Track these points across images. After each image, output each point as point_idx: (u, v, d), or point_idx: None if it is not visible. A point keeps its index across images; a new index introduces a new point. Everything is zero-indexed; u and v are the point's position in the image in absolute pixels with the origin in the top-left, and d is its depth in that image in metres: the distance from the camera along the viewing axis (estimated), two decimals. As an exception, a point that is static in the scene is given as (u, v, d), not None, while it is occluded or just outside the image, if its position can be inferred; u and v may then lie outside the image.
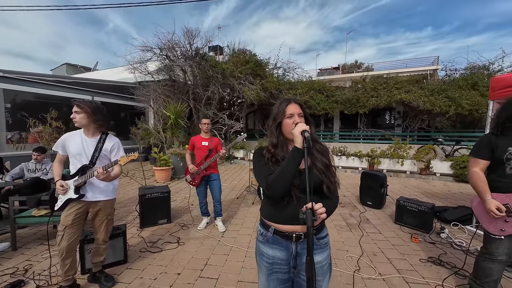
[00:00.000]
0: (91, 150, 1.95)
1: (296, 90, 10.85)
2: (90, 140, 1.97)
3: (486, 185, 1.73)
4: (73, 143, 1.95)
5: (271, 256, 1.23)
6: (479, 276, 1.89)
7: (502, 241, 1.71)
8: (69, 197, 1.92)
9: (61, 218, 1.94)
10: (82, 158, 1.93)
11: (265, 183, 1.15)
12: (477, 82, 8.70)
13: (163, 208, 3.50)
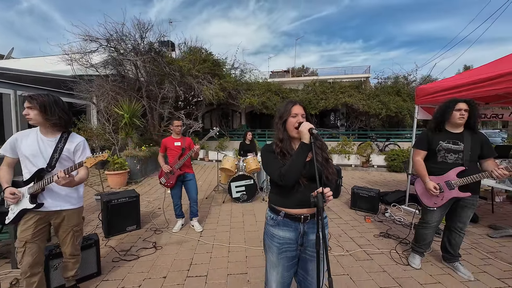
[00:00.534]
0: (50, 151, 1.69)
1: (254, 91, 11.19)
2: (49, 139, 1.71)
3: (425, 170, 2.27)
4: (27, 143, 1.67)
5: (281, 237, 1.40)
6: (418, 240, 2.44)
7: (435, 211, 2.27)
8: (23, 207, 1.65)
9: (17, 233, 1.67)
10: (38, 161, 1.67)
11: (279, 173, 1.32)
12: (400, 89, 10.64)
13: (132, 214, 3.26)
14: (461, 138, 2.19)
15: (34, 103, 1.61)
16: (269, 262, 1.48)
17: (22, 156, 1.68)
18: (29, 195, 1.66)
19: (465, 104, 2.17)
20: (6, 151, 1.70)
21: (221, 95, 10.13)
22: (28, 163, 1.69)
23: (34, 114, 1.62)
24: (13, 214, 1.66)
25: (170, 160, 3.19)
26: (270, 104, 11.05)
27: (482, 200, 4.38)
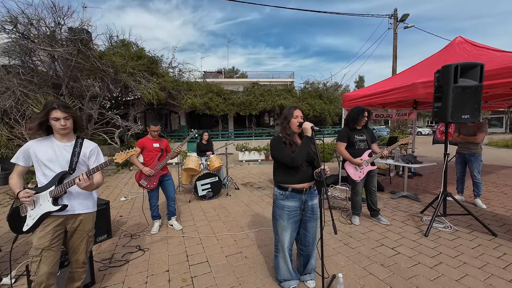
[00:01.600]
0: (67, 155, 1.70)
1: (195, 91, 11.14)
2: (64, 145, 1.71)
3: (349, 155, 3.25)
4: (42, 150, 1.65)
5: (290, 206, 1.91)
6: (354, 206, 3.43)
7: (360, 182, 3.28)
8: (46, 210, 1.61)
9: (34, 240, 1.60)
10: (55, 166, 1.65)
11: (291, 158, 1.82)
12: (321, 94, 12.87)
13: (101, 223, 3.04)
14: (363, 132, 3.31)
15: (72, 112, 1.67)
16: (280, 227, 1.96)
17: (38, 162, 1.65)
18: (51, 198, 1.61)
19: (367, 112, 3.28)
20: (18, 160, 1.65)
21: (161, 95, 9.67)
22: (45, 168, 1.65)
23: (70, 124, 1.68)
24: (32, 220, 1.60)
25: (149, 161, 3.17)
26: (212, 105, 11.28)
27: (382, 176, 6.12)
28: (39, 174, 1.66)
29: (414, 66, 4.82)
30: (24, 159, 1.65)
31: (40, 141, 1.68)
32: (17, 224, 1.75)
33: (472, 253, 2.51)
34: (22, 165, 1.66)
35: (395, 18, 14.33)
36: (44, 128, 1.67)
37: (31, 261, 1.59)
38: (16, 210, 1.72)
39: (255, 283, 2.14)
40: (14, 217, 1.80)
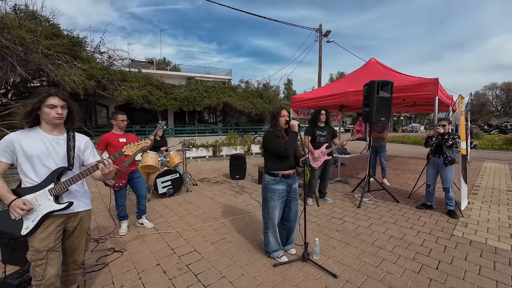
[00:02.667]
0: (61, 150, 1.57)
1: (131, 83, 10.03)
2: (55, 138, 1.56)
3: (311, 146, 3.96)
4: (30, 143, 1.48)
5: (280, 189, 2.34)
6: (309, 189, 4.18)
7: (317, 169, 4.04)
8: (49, 210, 1.48)
9: (34, 242, 1.46)
10: (49, 162, 1.52)
11: (284, 149, 2.24)
12: (262, 93, 13.79)
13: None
14: (324, 128, 4.08)
15: (68, 101, 1.55)
16: (271, 207, 2.36)
17: (27, 158, 1.47)
18: (52, 196, 1.48)
19: (324, 111, 4.08)
20: (1, 155, 1.43)
21: (88, 84, 8.33)
22: (37, 164, 1.49)
23: (65, 114, 1.55)
24: (33, 223, 1.44)
25: (115, 158, 2.94)
26: (152, 99, 10.43)
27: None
28: (27, 170, 1.48)
29: (343, 78, 6.07)
30: (7, 155, 1.45)
31: (25, 133, 1.49)
32: (9, 228, 1.48)
33: (388, 215, 3.58)
34: (4, 162, 1.45)
35: (320, 32, 16.70)
36: (32, 118, 1.50)
37: (34, 265, 1.45)
38: (5, 213, 1.47)
39: (247, 259, 2.47)
40: (6, 222, 1.49)
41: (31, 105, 1.45)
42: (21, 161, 1.47)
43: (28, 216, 1.45)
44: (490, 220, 3.38)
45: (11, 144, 1.44)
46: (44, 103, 1.47)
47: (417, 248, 2.64)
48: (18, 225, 1.43)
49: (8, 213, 1.43)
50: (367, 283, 2.06)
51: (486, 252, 2.54)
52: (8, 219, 1.42)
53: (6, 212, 1.44)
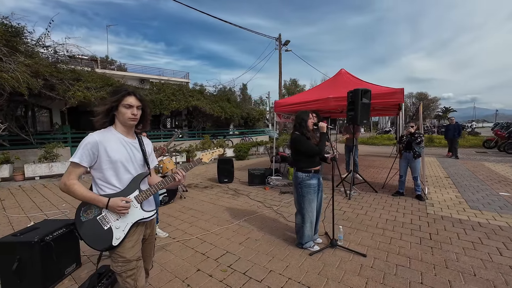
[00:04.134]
0: (139, 155, 1.51)
1: (86, 83, 8.87)
2: (132, 141, 1.48)
3: None
4: (114, 147, 1.38)
5: (314, 183, 2.60)
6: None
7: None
8: (138, 218, 1.42)
9: (124, 253, 1.38)
10: (130, 167, 1.44)
11: (318, 149, 2.51)
12: (229, 97, 13.88)
13: (70, 250, 2.34)
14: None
15: (143, 102, 1.46)
16: (308, 202, 2.60)
17: (112, 163, 1.36)
18: (139, 204, 1.42)
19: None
20: (82, 159, 1.31)
21: (34, 83, 7.12)
22: (121, 170, 1.40)
23: (139, 115, 1.45)
24: (123, 232, 1.35)
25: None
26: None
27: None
28: (109, 176, 1.37)
29: (318, 86, 6.76)
30: (89, 159, 1.32)
31: (105, 134, 1.38)
32: (97, 240, 1.30)
33: (375, 203, 4.21)
34: (85, 165, 1.32)
35: (279, 41, 17.79)
36: (110, 118, 1.41)
37: (126, 276, 1.36)
38: (90, 224, 1.31)
39: (283, 252, 2.63)
40: (93, 233, 1.28)
41: (109, 103, 1.37)
42: (104, 167, 1.35)
43: (118, 225, 1.35)
44: (446, 200, 4.32)
45: (96, 146, 1.31)
46: (121, 102, 1.39)
47: (410, 226, 3.24)
48: (107, 236, 1.32)
49: (92, 225, 1.31)
50: (390, 257, 2.48)
51: (455, 223, 3.30)
52: (94, 231, 1.30)
53: (91, 224, 1.31)
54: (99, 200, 1.30)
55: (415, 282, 2.07)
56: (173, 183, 1.54)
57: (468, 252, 2.53)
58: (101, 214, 1.33)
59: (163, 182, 1.50)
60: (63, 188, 1.29)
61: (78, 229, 1.29)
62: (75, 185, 1.29)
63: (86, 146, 1.30)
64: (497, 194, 4.55)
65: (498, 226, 3.16)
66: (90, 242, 1.29)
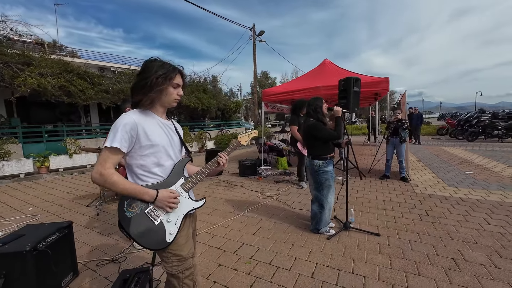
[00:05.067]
0: (176, 138, 1.29)
1: (39, 68, 7.64)
2: (167, 123, 1.26)
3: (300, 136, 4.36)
4: (154, 130, 1.16)
5: (330, 169, 2.60)
6: (300, 174, 4.59)
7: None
8: (188, 209, 1.23)
9: (179, 250, 1.18)
10: (170, 152, 1.22)
11: (337, 134, 2.49)
12: (205, 88, 13.30)
13: (65, 257, 1.98)
14: None
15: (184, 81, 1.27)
16: (326, 188, 2.59)
17: (153, 147, 1.14)
18: (187, 193, 1.23)
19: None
20: (122, 143, 1.06)
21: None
22: (163, 155, 1.18)
23: None
24: (175, 226, 1.15)
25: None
26: (75, 90, 8.31)
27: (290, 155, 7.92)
28: (150, 163, 1.14)
29: (305, 74, 6.80)
30: (129, 143, 1.07)
31: (140, 115, 1.14)
32: (150, 237, 1.05)
33: (367, 186, 4.43)
34: (123, 152, 1.07)
35: (254, 31, 17.51)
36: (149, 98, 1.17)
37: (183, 277, 1.17)
38: (138, 219, 1.06)
39: (300, 239, 2.59)
40: (144, 230, 1.02)
41: (154, 81, 1.11)
42: (145, 152, 1.11)
43: (170, 218, 1.14)
44: (426, 180, 4.75)
45: (135, 128, 1.07)
46: (170, 81, 1.15)
47: (405, 204, 3.47)
48: (160, 232, 1.10)
49: (141, 220, 1.08)
50: (402, 234, 2.61)
51: (442, 199, 3.64)
52: (145, 227, 1.08)
53: (139, 219, 1.08)
54: (145, 192, 1.07)
55: (432, 254, 2.21)
56: (218, 168, 1.36)
57: (463, 224, 2.80)
58: (149, 207, 1.10)
59: (208, 166, 1.31)
60: (98, 179, 1.03)
61: (126, 227, 1.05)
62: (114, 175, 1.04)
63: (125, 128, 1.05)
64: (464, 173, 5.16)
65: (477, 199, 3.57)
66: (143, 241, 1.06)
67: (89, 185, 5.27)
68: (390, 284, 1.85)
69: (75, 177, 6.24)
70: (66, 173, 6.51)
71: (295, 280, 1.94)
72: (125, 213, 1.07)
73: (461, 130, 11.52)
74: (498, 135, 10.19)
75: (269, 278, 1.97)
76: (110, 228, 3.01)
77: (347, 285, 1.86)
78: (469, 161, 6.43)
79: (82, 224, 3.14)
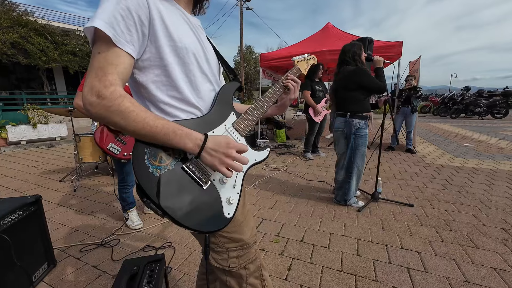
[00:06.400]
0: (210, 48, 0.75)
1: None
2: (197, 23, 0.73)
3: (313, 101, 3.91)
4: (181, 26, 0.64)
5: (367, 133, 2.21)
6: (307, 144, 4.22)
7: (317, 123, 4.09)
8: (251, 163, 0.74)
9: (238, 232, 0.74)
10: (205, 67, 0.70)
11: (383, 85, 2.07)
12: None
13: (34, 243, 1.43)
14: (320, 84, 4.12)
15: None
16: (360, 154, 2.23)
17: (176, 50, 0.62)
18: (243, 137, 0.75)
19: (321, 66, 4.07)
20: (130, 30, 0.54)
21: None
22: (195, 70, 0.67)
23: None
24: (235, 192, 0.68)
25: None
26: (33, 50, 6.93)
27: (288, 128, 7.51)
28: (179, 81, 0.63)
29: (307, 39, 6.17)
30: (137, 34, 0.55)
31: (164, 3, 0.60)
32: (195, 210, 0.55)
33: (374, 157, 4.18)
34: (130, 55, 0.54)
35: (240, -3, 16.04)
36: None
37: (247, 273, 0.74)
38: (172, 179, 0.56)
39: (327, 212, 2.26)
40: (184, 199, 0.52)
41: None
42: (166, 61, 0.60)
43: (227, 179, 0.65)
44: (430, 152, 4.64)
45: (145, 10, 0.55)
46: None
47: (422, 174, 3.27)
48: (212, 201, 0.62)
49: (178, 181, 0.58)
50: (435, 205, 2.37)
51: (457, 169, 3.50)
52: (185, 193, 0.58)
53: (174, 179, 0.58)
54: (185, 134, 0.57)
55: (478, 225, 1.99)
56: (284, 99, 0.87)
57: (491, 193, 2.64)
58: (187, 160, 0.60)
59: (270, 96, 0.81)
60: (94, 105, 0.50)
61: (152, 194, 0.54)
62: (124, 98, 0.51)
63: (126, 6, 0.52)
64: (463, 146, 5.14)
65: (490, 169, 3.47)
66: (185, 219, 0.57)
67: (61, 158, 4.49)
68: (451, 259, 1.58)
69: (42, 150, 5.35)
70: (31, 146, 5.57)
71: (339, 259, 1.60)
72: (148, 169, 0.56)
73: (445, 107, 11.83)
74: (479, 112, 10.59)
75: (308, 258, 1.62)
76: (93, 205, 2.45)
77: (403, 262, 1.56)
78: (462, 135, 6.51)
79: (55, 202, 2.54)
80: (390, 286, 1.37)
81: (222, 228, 0.62)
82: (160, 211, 0.55)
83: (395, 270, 1.49)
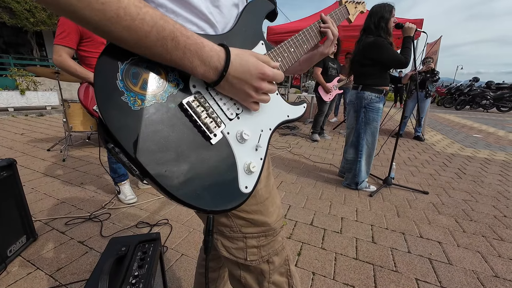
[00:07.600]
0: None
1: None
2: None
3: (323, 79, 3.62)
4: None
5: (381, 108, 2.01)
6: (315, 125, 4.00)
7: (327, 103, 3.84)
8: (282, 119, 0.52)
9: (261, 213, 0.51)
10: None
11: (405, 59, 1.82)
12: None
13: (8, 214, 1.24)
14: (335, 61, 3.80)
15: None
16: (370, 130, 2.05)
17: None
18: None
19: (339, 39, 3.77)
20: None
21: None
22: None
23: None
24: (258, 156, 0.45)
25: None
26: (18, 8, 6.36)
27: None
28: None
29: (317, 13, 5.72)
30: None
31: None
32: (192, 176, 0.35)
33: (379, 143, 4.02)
34: None
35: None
36: None
37: (271, 269, 0.53)
38: (158, 120, 0.34)
39: (336, 194, 2.10)
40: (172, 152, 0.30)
41: None
42: None
43: (248, 135, 0.43)
44: (439, 140, 4.47)
45: None
46: None
47: (434, 162, 3.11)
48: (220, 165, 0.40)
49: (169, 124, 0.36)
50: (451, 193, 2.23)
51: (469, 159, 3.34)
52: (183, 144, 0.36)
53: (162, 120, 0.35)
54: (198, 46, 0.34)
55: (499, 216, 1.85)
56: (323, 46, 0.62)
57: (508, 184, 2.50)
58: (191, 94, 0.38)
59: (308, 35, 0.57)
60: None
61: (120, 136, 0.32)
62: None
63: None
64: (472, 136, 4.98)
65: (503, 160, 3.33)
66: (175, 187, 0.34)
67: (50, 127, 4.22)
68: (476, 251, 1.44)
69: (32, 119, 5.05)
70: (19, 114, 5.25)
71: (354, 246, 1.45)
72: (120, 96, 0.33)
73: (451, 98, 11.57)
74: (486, 105, 10.37)
75: (319, 243, 1.46)
76: (83, 177, 2.25)
77: (424, 252, 1.41)
78: (469, 126, 6.34)
79: (41, 171, 2.33)
80: (412, 278, 1.23)
81: (236, 207, 0.41)
82: (136, 170, 0.33)
83: (416, 261, 1.34)
